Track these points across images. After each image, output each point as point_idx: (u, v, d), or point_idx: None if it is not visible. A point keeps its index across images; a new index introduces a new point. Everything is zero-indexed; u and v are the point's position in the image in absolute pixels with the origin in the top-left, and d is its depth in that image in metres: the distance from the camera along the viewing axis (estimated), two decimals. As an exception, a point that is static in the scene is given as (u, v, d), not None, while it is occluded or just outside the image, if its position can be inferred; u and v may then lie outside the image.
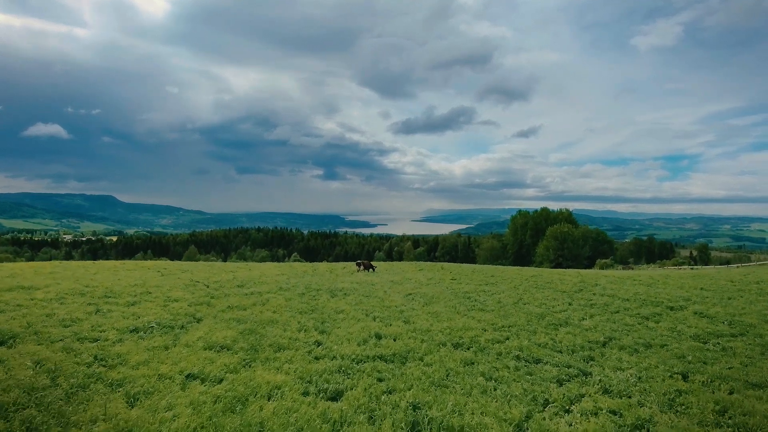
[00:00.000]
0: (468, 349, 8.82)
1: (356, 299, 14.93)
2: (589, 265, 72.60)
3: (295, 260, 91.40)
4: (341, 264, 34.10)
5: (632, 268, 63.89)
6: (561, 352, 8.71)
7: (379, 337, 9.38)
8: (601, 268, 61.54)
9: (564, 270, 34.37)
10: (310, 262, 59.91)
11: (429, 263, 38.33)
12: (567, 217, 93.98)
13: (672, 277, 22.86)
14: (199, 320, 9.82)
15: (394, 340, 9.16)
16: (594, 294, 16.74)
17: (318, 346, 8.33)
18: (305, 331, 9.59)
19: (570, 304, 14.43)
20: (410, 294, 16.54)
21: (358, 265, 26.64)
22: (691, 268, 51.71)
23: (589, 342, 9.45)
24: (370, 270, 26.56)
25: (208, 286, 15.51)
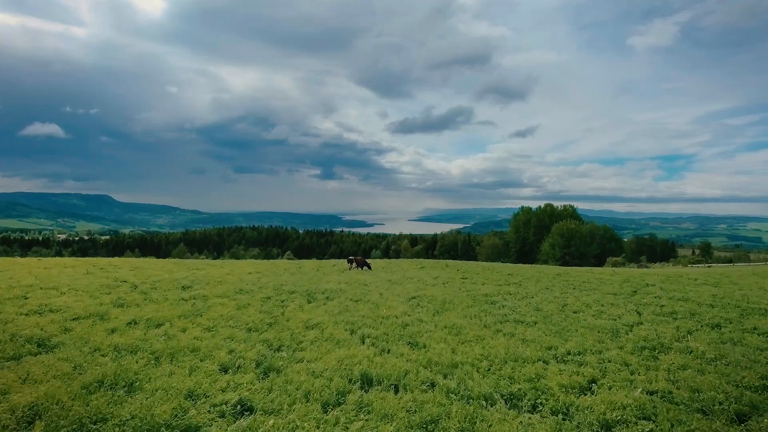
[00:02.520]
0: (535, 410, 4.66)
1: (341, 306, 10.75)
2: (598, 264, 68.75)
3: (287, 258, 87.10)
4: (332, 261, 29.88)
5: (647, 266, 60.01)
6: (712, 416, 4.53)
7: (367, 382, 5.20)
8: (613, 266, 57.67)
9: (592, 268, 30.35)
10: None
11: (431, 260, 34.22)
12: (571, 213, 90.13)
13: (731, 275, 18.77)
14: (46, 350, 5.62)
15: (396, 390, 4.98)
16: (658, 297, 12.60)
17: (236, 419, 4.09)
18: (236, 370, 5.39)
19: (639, 313, 10.26)
20: (414, 297, 12.39)
21: (350, 262, 22.44)
22: (708, 266, 48.09)
23: (744, 388, 5.27)
24: (364, 268, 22.40)
25: (135, 287, 11.29)
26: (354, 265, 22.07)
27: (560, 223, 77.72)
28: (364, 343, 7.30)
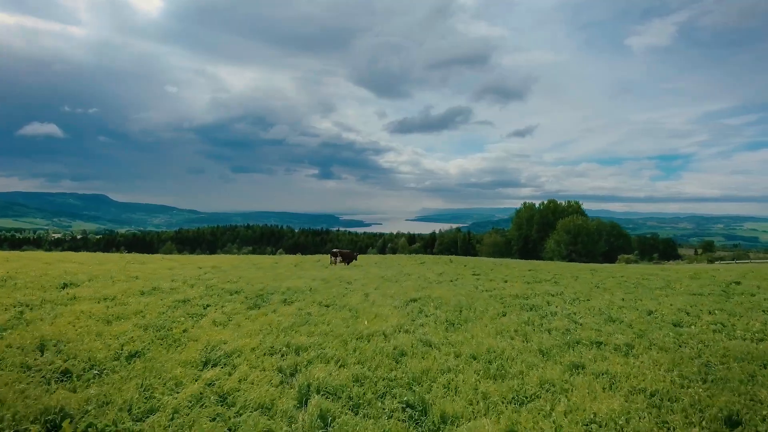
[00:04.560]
0: None
1: (298, 314, 6.68)
2: (608, 261, 64.90)
3: (278, 255, 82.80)
4: (317, 257, 25.74)
5: (661, 264, 56.13)
6: None
7: None
8: (626, 263, 53.84)
9: (628, 264, 26.37)
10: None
11: (433, 256, 30.21)
12: (577, 209, 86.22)
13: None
14: None
15: None
16: (774, 300, 8.52)
17: None
18: None
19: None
20: (415, 300, 8.32)
21: (334, 255, 18.29)
22: (736, 263, 44.91)
23: None
24: (352, 263, 18.30)
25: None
26: (338, 259, 17.93)
27: (566, 218, 73.81)
28: (303, 406, 3.20)
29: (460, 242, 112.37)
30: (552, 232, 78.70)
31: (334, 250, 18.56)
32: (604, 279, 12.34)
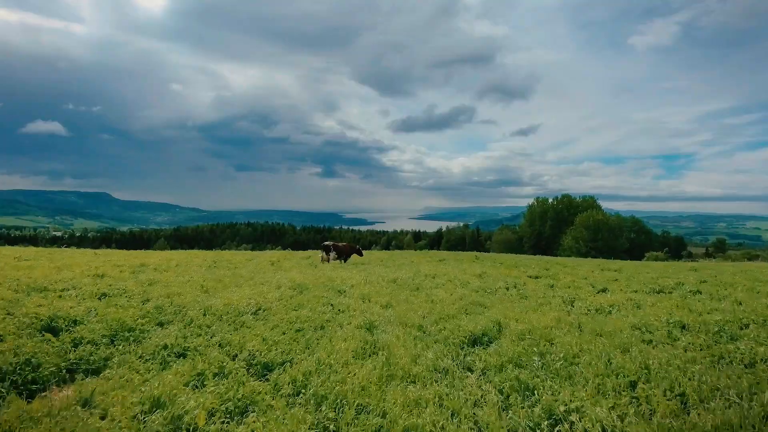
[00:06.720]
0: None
1: None
2: (631, 259, 59.79)
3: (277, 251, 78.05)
4: (306, 253, 20.68)
5: (696, 261, 51.00)
6: None
7: None
8: (655, 261, 48.77)
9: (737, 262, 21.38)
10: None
11: (452, 252, 25.26)
12: (592, 205, 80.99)
13: None
14: None
15: None
16: None
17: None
18: None
19: None
20: (480, 342, 3.39)
21: (326, 250, 13.24)
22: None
23: None
24: (349, 260, 13.35)
25: None
26: (332, 255, 12.94)
27: (585, 214, 68.64)
28: None
29: (468, 239, 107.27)
30: (568, 228, 73.65)
31: (326, 243, 13.52)
32: (742, 282, 7.29)
